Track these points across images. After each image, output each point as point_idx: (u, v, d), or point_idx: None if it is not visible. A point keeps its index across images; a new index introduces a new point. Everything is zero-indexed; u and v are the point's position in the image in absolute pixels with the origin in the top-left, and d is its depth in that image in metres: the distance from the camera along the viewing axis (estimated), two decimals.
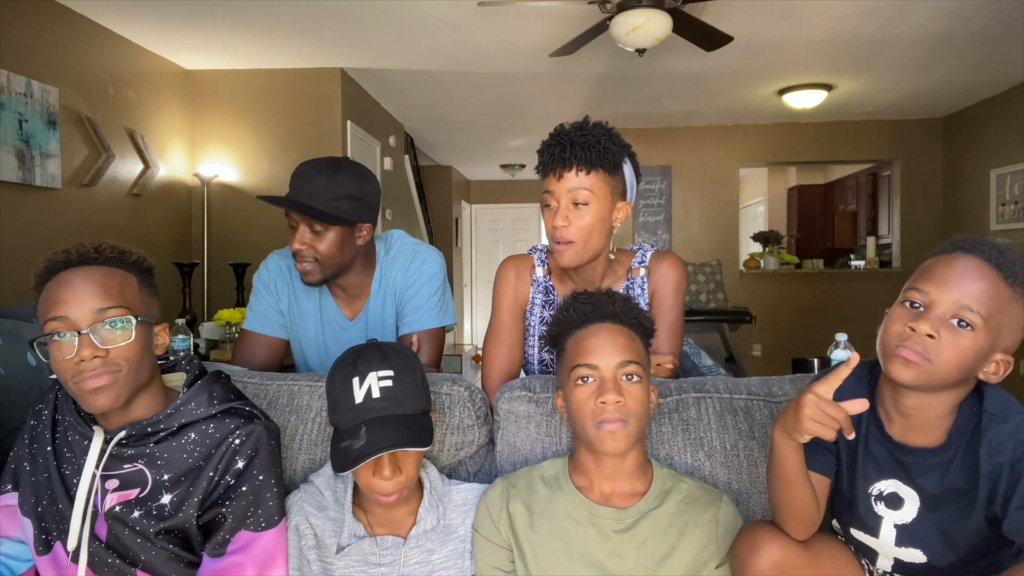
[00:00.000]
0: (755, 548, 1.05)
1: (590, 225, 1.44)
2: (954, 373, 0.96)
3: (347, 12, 3.65)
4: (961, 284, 0.96)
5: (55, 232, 3.39)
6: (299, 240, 1.64)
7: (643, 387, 1.15)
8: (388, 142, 5.78)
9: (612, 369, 1.13)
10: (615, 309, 1.19)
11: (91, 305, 1.05)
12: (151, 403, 1.14)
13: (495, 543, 1.18)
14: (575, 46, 3.57)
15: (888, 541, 1.06)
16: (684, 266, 1.61)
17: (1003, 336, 0.97)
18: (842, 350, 1.77)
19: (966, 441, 1.00)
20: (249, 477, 1.12)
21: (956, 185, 6.11)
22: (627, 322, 1.19)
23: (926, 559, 1.04)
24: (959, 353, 0.95)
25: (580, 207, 1.43)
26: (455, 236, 8.83)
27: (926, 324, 0.96)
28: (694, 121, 6.40)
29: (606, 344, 1.15)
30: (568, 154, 1.41)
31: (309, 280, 1.68)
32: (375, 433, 1.09)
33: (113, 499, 1.10)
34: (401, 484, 1.13)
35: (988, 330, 0.95)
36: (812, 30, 4.00)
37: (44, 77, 3.31)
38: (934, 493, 1.02)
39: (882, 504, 1.06)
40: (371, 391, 1.12)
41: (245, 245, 4.58)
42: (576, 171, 1.42)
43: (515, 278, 1.62)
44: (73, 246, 1.10)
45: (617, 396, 1.10)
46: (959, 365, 0.96)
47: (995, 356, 0.98)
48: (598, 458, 1.17)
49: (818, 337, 5.80)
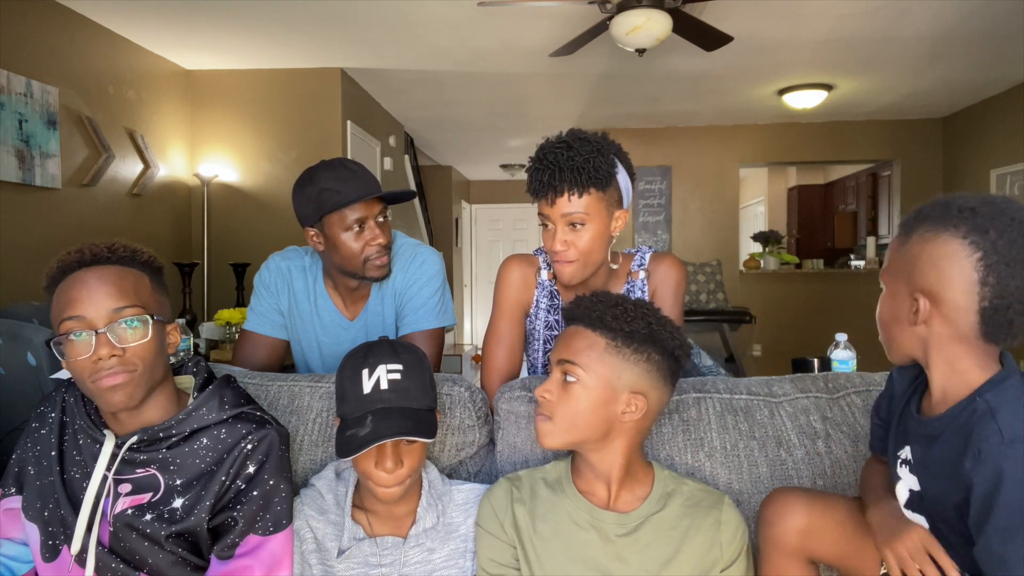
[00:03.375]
0: (780, 514, 1.11)
1: (589, 243, 1.43)
2: (896, 338, 1.00)
3: (347, 12, 3.65)
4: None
5: (55, 232, 3.39)
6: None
7: (577, 385, 1.13)
8: (388, 142, 5.78)
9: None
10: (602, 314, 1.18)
11: (107, 304, 1.06)
12: (164, 404, 1.14)
13: (499, 539, 1.18)
14: (575, 46, 3.57)
15: (902, 500, 1.09)
16: (683, 266, 1.61)
17: (907, 280, 0.96)
18: (842, 350, 1.77)
19: (958, 424, 0.95)
20: (260, 482, 1.13)
21: (956, 185, 6.10)
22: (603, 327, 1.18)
23: (928, 527, 1.05)
24: (885, 317, 1.02)
25: (578, 227, 1.42)
26: (455, 236, 8.83)
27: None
28: (694, 121, 6.40)
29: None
30: (557, 180, 1.37)
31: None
32: (380, 422, 1.11)
33: (125, 503, 1.10)
34: (402, 477, 1.13)
35: (889, 287, 1.01)
36: (812, 30, 4.00)
37: (44, 77, 3.31)
38: (921, 460, 1.01)
39: (906, 468, 1.07)
40: (379, 382, 1.13)
41: (245, 245, 4.58)
42: (568, 196, 1.39)
43: (519, 279, 1.61)
44: (86, 245, 1.11)
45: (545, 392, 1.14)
46: (893, 328, 1.01)
47: (911, 292, 0.96)
48: (582, 456, 1.19)
49: (818, 337, 5.79)
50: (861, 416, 1.37)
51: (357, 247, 1.67)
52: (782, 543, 1.11)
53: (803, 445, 1.35)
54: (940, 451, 0.96)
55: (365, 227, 1.66)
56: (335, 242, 1.67)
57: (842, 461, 1.33)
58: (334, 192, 1.63)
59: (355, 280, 1.75)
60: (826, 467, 1.33)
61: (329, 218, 1.65)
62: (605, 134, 1.47)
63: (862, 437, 1.35)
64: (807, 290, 6.57)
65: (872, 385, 1.42)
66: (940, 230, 0.93)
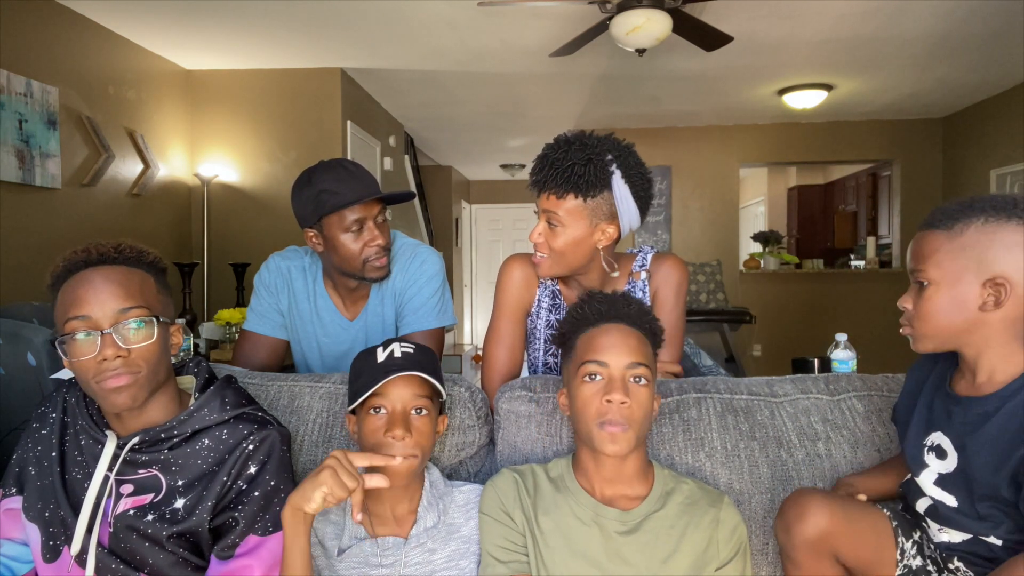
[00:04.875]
0: (802, 515, 1.12)
1: (562, 246, 1.44)
2: (946, 328, 1.05)
3: (347, 12, 3.65)
4: (913, 252, 1.08)
5: (55, 232, 3.39)
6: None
7: (649, 392, 1.15)
8: (388, 142, 5.78)
9: (622, 369, 1.13)
10: (630, 311, 1.19)
11: (113, 305, 1.06)
12: (166, 405, 1.15)
13: (507, 525, 1.18)
14: (575, 46, 3.57)
15: (928, 483, 1.12)
16: (685, 267, 1.61)
17: (975, 269, 1.02)
18: (842, 350, 1.77)
19: (1013, 400, 1.03)
20: (261, 482, 1.13)
21: (956, 185, 6.11)
22: (640, 326, 1.19)
23: (956, 504, 1.08)
24: (932, 310, 1.05)
25: (554, 227, 1.44)
26: (455, 236, 8.83)
27: (908, 300, 1.08)
28: (694, 121, 6.40)
29: (618, 343, 1.15)
30: (541, 177, 1.42)
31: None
32: (391, 370, 1.16)
33: (127, 503, 1.10)
34: (410, 448, 1.14)
35: (946, 278, 1.04)
36: (812, 30, 4.00)
37: (44, 77, 3.31)
38: (969, 437, 1.06)
39: (932, 455, 1.12)
40: (393, 352, 1.19)
41: (245, 245, 4.58)
42: (548, 194, 1.42)
43: (521, 278, 1.60)
44: (93, 245, 1.11)
45: (623, 396, 1.11)
46: (941, 319, 1.05)
47: (987, 280, 1.02)
48: (599, 460, 1.17)
49: (818, 337, 5.80)
50: (862, 421, 1.37)
51: (356, 248, 1.67)
52: (810, 542, 1.12)
53: (803, 446, 1.35)
54: (998, 425, 1.03)
55: (364, 228, 1.66)
56: (334, 243, 1.67)
57: (841, 466, 1.33)
58: (332, 193, 1.63)
59: (354, 281, 1.75)
60: (826, 470, 1.33)
61: (328, 219, 1.65)
62: (625, 148, 1.45)
63: (862, 442, 1.35)
64: (807, 290, 6.56)
65: (873, 388, 1.42)
66: (1005, 220, 1.01)
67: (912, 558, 1.14)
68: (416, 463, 1.15)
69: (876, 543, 1.14)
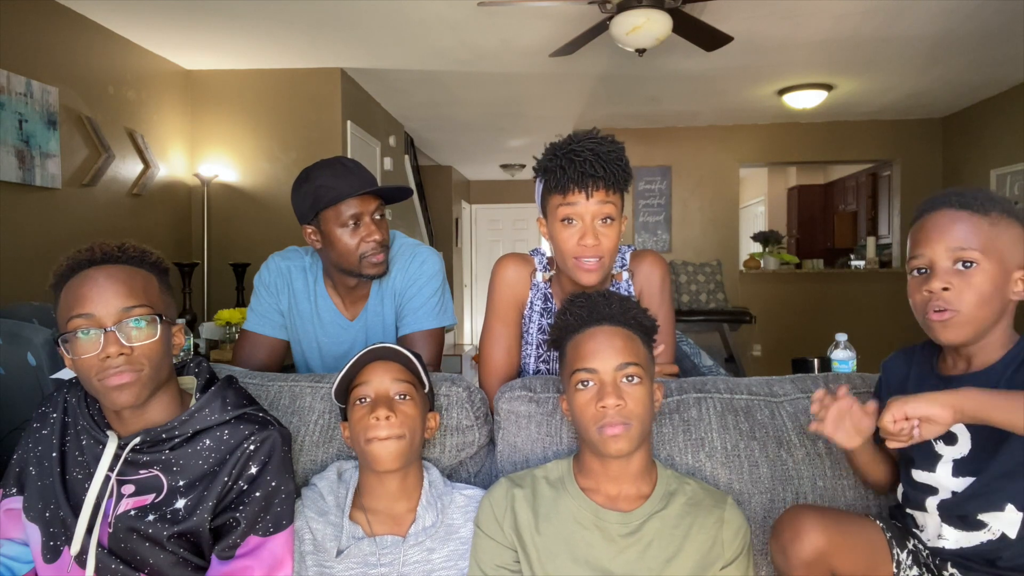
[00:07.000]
0: (797, 536, 1.10)
1: (615, 241, 1.40)
2: (985, 309, 1.06)
3: (347, 12, 3.65)
4: (944, 234, 1.08)
5: (55, 232, 3.38)
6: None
7: (644, 387, 1.14)
8: (388, 142, 5.78)
9: (611, 372, 1.13)
10: (612, 311, 1.18)
11: (117, 303, 1.07)
12: (167, 405, 1.15)
13: (498, 541, 1.17)
14: (575, 46, 3.57)
15: (944, 476, 1.12)
16: (665, 262, 1.60)
17: (1008, 257, 1.07)
18: (842, 350, 1.77)
19: (1013, 368, 1.06)
20: (262, 483, 1.13)
21: (956, 185, 6.10)
22: (625, 322, 1.18)
23: (977, 486, 1.08)
24: (977, 290, 1.05)
25: (608, 223, 1.38)
26: (455, 236, 8.83)
27: (937, 280, 1.07)
28: (694, 121, 6.40)
29: (604, 347, 1.14)
30: (598, 172, 1.33)
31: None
32: (373, 360, 1.24)
33: (128, 504, 1.11)
34: (395, 428, 1.15)
35: (990, 258, 1.06)
36: (812, 30, 4.00)
37: (44, 77, 3.31)
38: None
39: (941, 443, 1.12)
40: (372, 347, 1.25)
41: (245, 245, 4.58)
42: (605, 190, 1.36)
43: (515, 276, 1.59)
44: (96, 244, 1.11)
45: (617, 400, 1.10)
46: (984, 299, 1.05)
47: (1015, 275, 1.08)
48: (604, 460, 1.16)
49: (818, 337, 5.79)
50: None
51: (353, 243, 1.67)
52: (807, 563, 1.10)
53: (803, 445, 1.35)
54: (1009, 384, 1.05)
55: (361, 223, 1.67)
56: (331, 238, 1.67)
57: (842, 463, 1.33)
58: (329, 188, 1.64)
59: (353, 278, 1.75)
60: (826, 468, 1.33)
61: (325, 214, 1.66)
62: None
63: None
64: (807, 290, 6.56)
65: (873, 388, 1.42)
66: (1007, 215, 1.08)
67: (908, 568, 1.14)
68: (404, 445, 1.16)
69: (872, 557, 1.13)
